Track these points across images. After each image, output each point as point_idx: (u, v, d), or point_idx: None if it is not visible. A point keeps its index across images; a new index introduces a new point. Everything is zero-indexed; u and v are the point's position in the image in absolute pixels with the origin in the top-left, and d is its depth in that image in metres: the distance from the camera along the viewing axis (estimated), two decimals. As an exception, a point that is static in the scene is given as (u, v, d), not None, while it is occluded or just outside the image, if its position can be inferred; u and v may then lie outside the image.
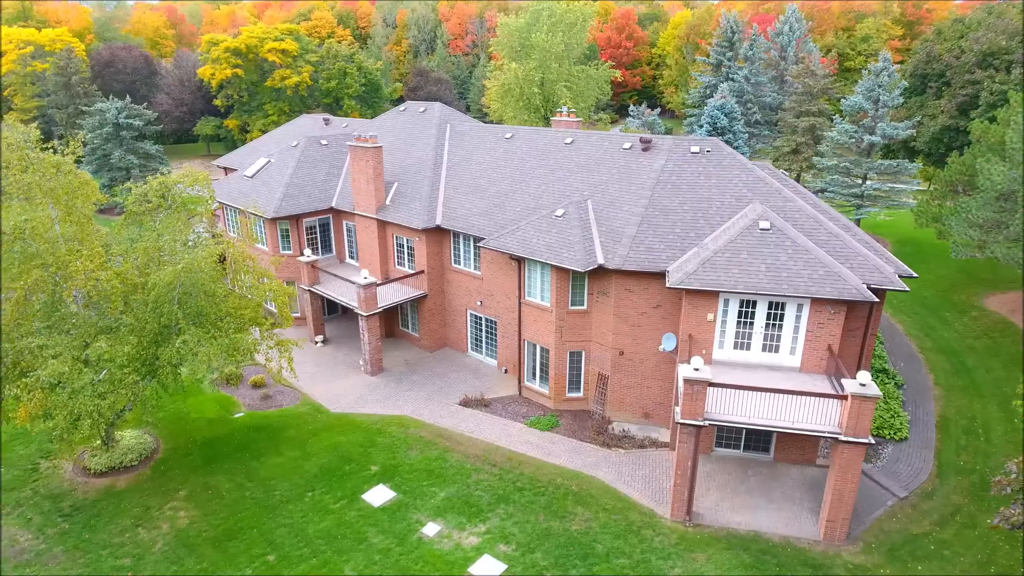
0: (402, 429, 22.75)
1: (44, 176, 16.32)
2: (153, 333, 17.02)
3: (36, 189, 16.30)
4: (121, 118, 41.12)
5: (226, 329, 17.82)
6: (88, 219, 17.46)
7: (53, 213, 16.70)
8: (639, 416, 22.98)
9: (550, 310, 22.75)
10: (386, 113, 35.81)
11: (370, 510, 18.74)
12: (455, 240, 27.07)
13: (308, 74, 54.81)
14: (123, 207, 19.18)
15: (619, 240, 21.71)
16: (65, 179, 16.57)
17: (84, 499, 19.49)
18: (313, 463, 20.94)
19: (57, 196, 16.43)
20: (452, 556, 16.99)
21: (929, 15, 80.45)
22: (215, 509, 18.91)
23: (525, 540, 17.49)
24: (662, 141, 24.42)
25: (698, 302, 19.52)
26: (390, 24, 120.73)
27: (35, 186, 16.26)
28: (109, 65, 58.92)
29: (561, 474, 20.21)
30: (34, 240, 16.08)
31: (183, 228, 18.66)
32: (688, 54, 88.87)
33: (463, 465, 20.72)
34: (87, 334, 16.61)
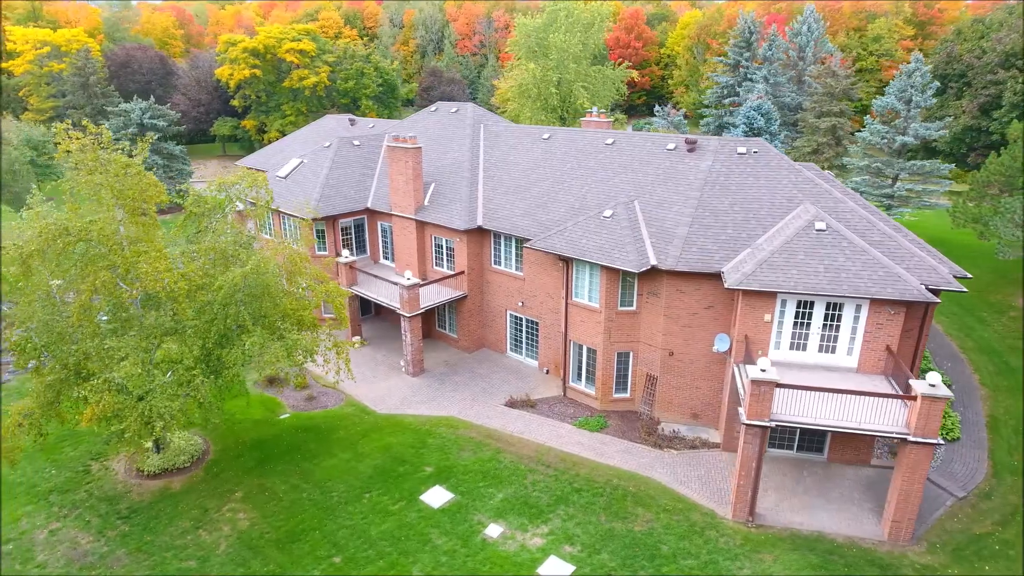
0: (451, 430, 22.72)
1: (116, 177, 16.26)
2: (218, 334, 16.97)
3: (107, 190, 16.23)
4: (145, 118, 41.00)
5: (288, 330, 17.78)
6: (153, 221, 17.40)
7: (119, 214, 16.63)
8: (687, 417, 22.97)
9: (599, 311, 22.73)
10: (417, 113, 35.76)
11: (430, 511, 18.71)
12: (496, 241, 27.05)
13: (326, 74, 54.71)
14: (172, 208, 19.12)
15: (670, 241, 21.71)
16: (133, 180, 16.50)
17: (140, 501, 19.44)
18: (367, 464, 20.90)
19: (126, 197, 16.36)
20: (519, 557, 16.97)
21: (941, 15, 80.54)
22: (274, 511, 18.87)
23: (589, 541, 17.48)
24: (707, 142, 24.42)
25: (755, 303, 19.51)
26: (397, 24, 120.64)
27: (105, 187, 16.19)
28: (125, 66, 58.74)
29: (617, 475, 20.20)
30: (101, 242, 16.01)
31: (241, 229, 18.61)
32: (699, 54, 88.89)
33: (517, 466, 20.70)
34: (153, 336, 16.55)
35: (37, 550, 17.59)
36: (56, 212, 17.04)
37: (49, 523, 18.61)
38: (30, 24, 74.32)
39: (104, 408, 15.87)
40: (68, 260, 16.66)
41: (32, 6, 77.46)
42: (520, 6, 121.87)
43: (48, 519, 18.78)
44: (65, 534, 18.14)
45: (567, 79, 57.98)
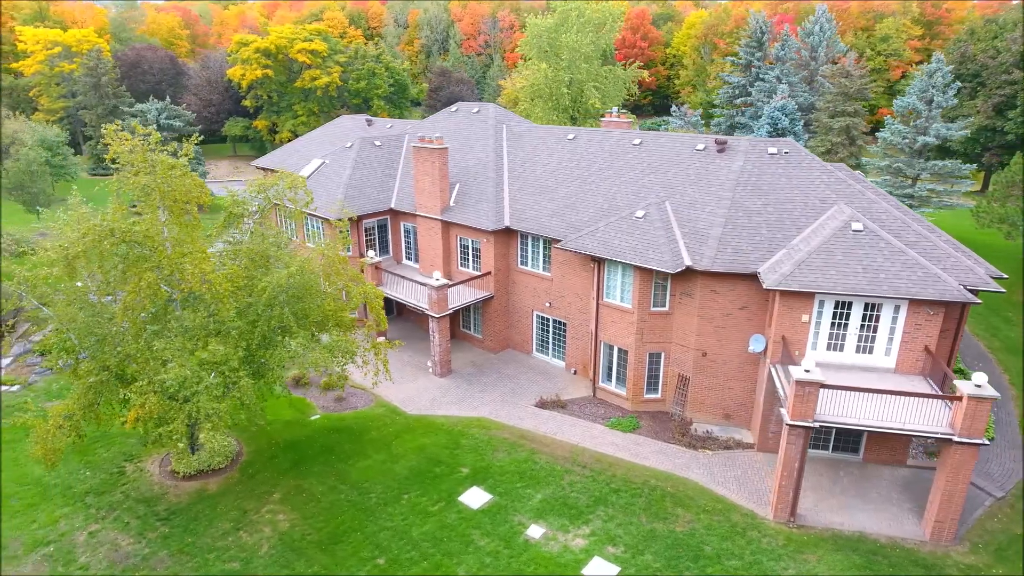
0: (484, 431, 22.70)
1: (164, 179, 16.22)
2: (261, 335, 16.94)
3: (155, 192, 16.19)
4: (162, 119, 40.92)
5: (330, 331, 17.75)
6: (196, 221, 17.37)
7: (162, 215, 16.60)
8: (719, 417, 22.97)
9: (631, 311, 22.72)
10: (437, 114, 35.74)
11: (470, 512, 18.69)
12: (523, 241, 27.03)
13: (338, 75, 54.63)
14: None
15: (704, 241, 21.70)
16: (179, 181, 16.47)
17: (178, 502, 19.39)
18: (402, 465, 20.88)
19: (172, 198, 16.33)
20: (562, 558, 16.96)
21: (948, 15, 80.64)
22: (313, 512, 18.83)
23: (632, 542, 17.47)
24: (738, 142, 24.42)
25: (793, 303, 19.51)
26: (401, 24, 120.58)
27: (154, 188, 16.15)
28: (135, 66, 58.60)
29: (654, 476, 20.20)
30: (146, 243, 15.97)
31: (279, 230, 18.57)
32: (706, 54, 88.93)
33: (553, 467, 20.68)
34: (197, 337, 16.52)
35: (78, 552, 17.54)
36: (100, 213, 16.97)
37: (88, 525, 18.56)
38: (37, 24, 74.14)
39: (150, 410, 15.82)
40: (110, 262, 16.60)
41: (39, 6, 77.28)
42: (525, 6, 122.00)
43: (86, 521, 18.73)
44: (105, 536, 18.10)
45: (578, 79, 57.99)
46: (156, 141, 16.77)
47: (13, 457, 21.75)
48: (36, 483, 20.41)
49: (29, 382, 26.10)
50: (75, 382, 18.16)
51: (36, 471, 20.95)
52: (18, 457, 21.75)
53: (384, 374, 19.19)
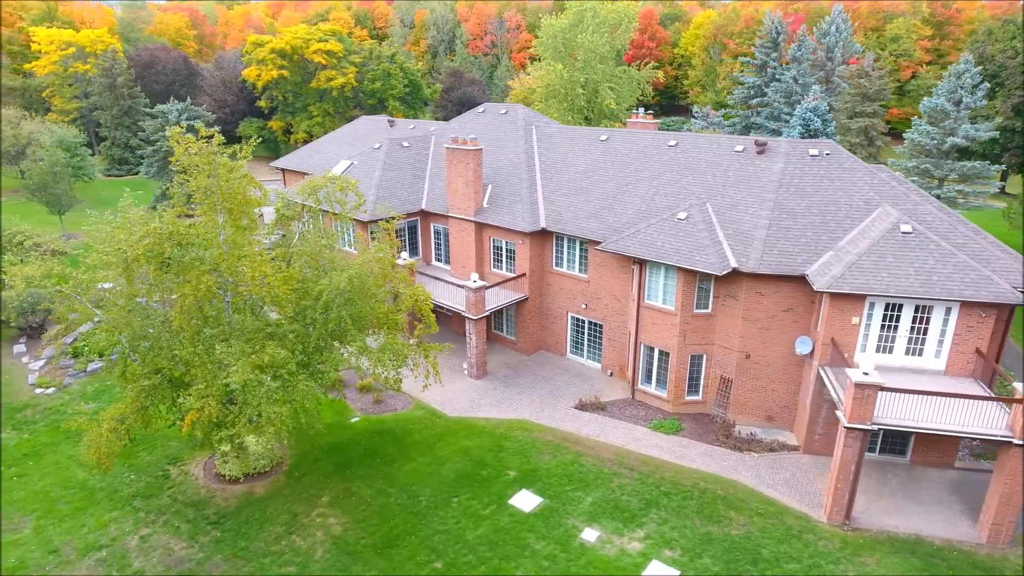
0: (526, 433, 22.63)
1: (227, 181, 16.14)
2: (318, 338, 16.87)
3: (217, 194, 16.11)
4: (183, 120, 40.83)
5: (385, 334, 17.69)
6: (253, 223, 17.28)
7: (219, 218, 16.52)
8: (762, 419, 22.93)
9: (674, 313, 22.66)
10: (464, 114, 35.67)
11: (522, 516, 18.62)
12: (558, 243, 26.97)
13: (353, 75, 54.49)
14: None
15: (749, 243, 21.65)
16: (238, 183, 16.38)
17: (227, 506, 19.30)
18: (448, 468, 20.80)
19: (233, 201, 16.25)
20: (621, 562, 16.90)
21: (959, 15, 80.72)
22: (364, 516, 18.75)
23: (689, 545, 17.42)
24: (777, 144, 24.39)
25: (843, 306, 19.48)
26: (407, 24, 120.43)
27: (215, 191, 16.07)
28: (149, 66, 58.40)
29: (703, 478, 20.14)
30: (205, 246, 15.89)
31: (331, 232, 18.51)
32: (715, 54, 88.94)
33: (600, 469, 20.62)
34: (254, 340, 16.43)
35: (132, 556, 17.45)
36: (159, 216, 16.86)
37: (138, 529, 18.46)
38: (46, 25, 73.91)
39: (209, 414, 15.73)
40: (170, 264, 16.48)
41: (47, 6, 77.04)
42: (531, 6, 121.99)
43: (136, 525, 18.63)
44: (157, 540, 18.00)
45: (593, 80, 57.98)
46: (219, 144, 16.68)
47: (55, 460, 21.65)
48: (81, 487, 20.30)
49: (64, 384, 25.98)
50: (127, 386, 18.06)
51: (80, 474, 20.87)
52: (60, 460, 21.66)
53: (434, 377, 19.09)
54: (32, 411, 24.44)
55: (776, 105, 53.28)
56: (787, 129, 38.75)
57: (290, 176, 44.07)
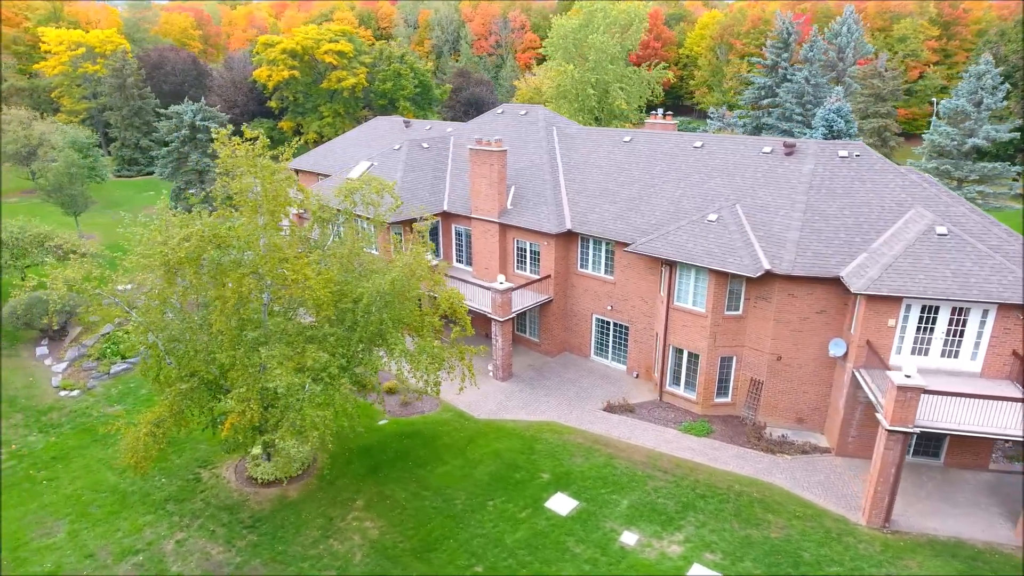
0: (556, 436, 22.55)
1: (270, 183, 16.04)
2: (359, 341, 16.79)
3: (262, 196, 16.01)
4: (197, 120, 40.70)
5: (424, 337, 17.62)
6: (294, 226, 17.17)
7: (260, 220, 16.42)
8: (792, 421, 22.87)
9: (705, 315, 22.59)
10: (483, 115, 35.58)
11: (559, 519, 18.54)
12: (583, 244, 26.89)
13: (364, 75, 54.38)
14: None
15: (782, 245, 21.59)
16: (281, 185, 16.28)
17: (261, 510, 19.20)
18: (481, 471, 20.71)
19: (275, 202, 16.15)
20: (662, 566, 16.82)
21: (966, 15, 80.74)
22: (401, 519, 18.66)
23: (729, 549, 17.35)
24: (806, 145, 24.33)
25: (879, 308, 19.41)
26: (411, 24, 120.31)
27: (261, 193, 15.97)
28: (158, 67, 58.20)
29: (737, 481, 20.08)
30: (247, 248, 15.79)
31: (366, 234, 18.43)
32: (722, 54, 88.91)
33: (634, 472, 20.55)
34: (295, 343, 16.34)
35: (169, 561, 17.35)
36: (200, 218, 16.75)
37: (174, 533, 18.36)
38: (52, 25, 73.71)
39: (251, 418, 15.63)
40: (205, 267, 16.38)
41: (53, 6, 76.84)
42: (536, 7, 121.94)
43: (171, 529, 18.53)
44: (193, 544, 17.90)
45: (604, 80, 57.97)
46: (264, 146, 16.58)
47: (85, 464, 21.53)
48: (112, 490, 20.19)
49: (88, 387, 25.85)
50: (161, 389, 17.97)
51: (111, 478, 20.76)
52: (89, 463, 21.55)
53: (469, 380, 19.00)
54: (58, 414, 24.32)
55: (788, 106, 53.23)
56: (808, 131, 38.68)
57: (304, 177, 43.95)
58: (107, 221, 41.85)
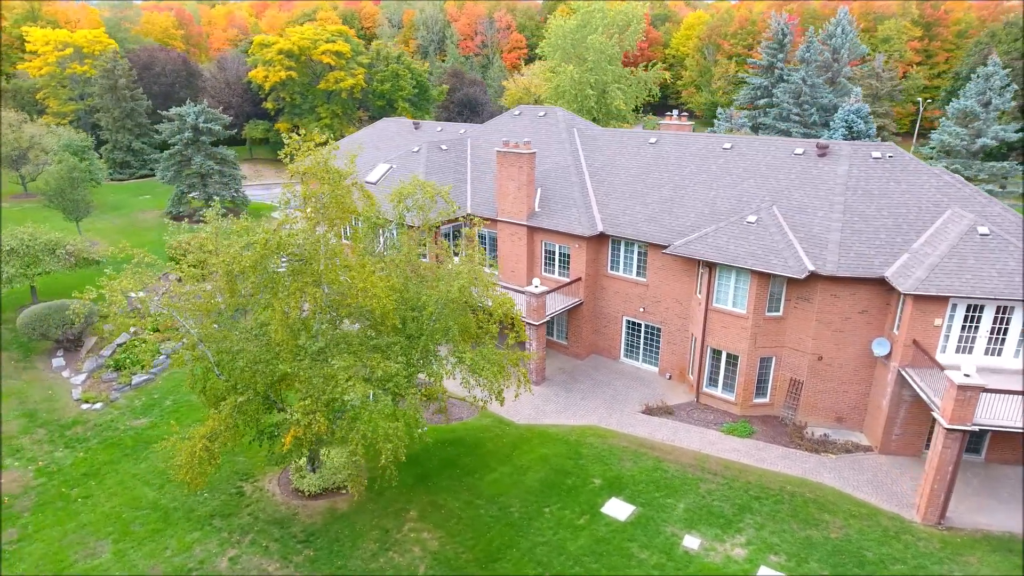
0: (600, 440, 22.44)
1: (338, 189, 15.62)
2: (423, 349, 16.47)
3: (332, 204, 15.59)
4: (200, 122, 39.74)
5: (486, 344, 17.38)
6: (356, 233, 16.77)
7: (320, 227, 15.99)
8: (831, 420, 23.06)
9: (746, 317, 22.66)
10: (500, 116, 35.32)
11: (618, 524, 18.43)
12: (614, 246, 26.82)
13: (362, 76, 53.65)
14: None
15: (824, 246, 21.74)
16: (348, 192, 15.88)
17: (312, 523, 18.75)
18: (531, 477, 20.51)
19: (341, 209, 15.75)
20: (729, 569, 16.80)
21: (947, 16, 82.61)
22: (458, 529, 18.37)
23: (792, 550, 17.40)
24: (839, 147, 24.54)
25: (926, 307, 19.65)
26: (396, 24, 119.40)
27: (330, 198, 15.54)
28: (147, 67, 56.68)
29: (788, 481, 20.16)
30: (312, 257, 15.36)
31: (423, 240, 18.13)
32: (710, 55, 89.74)
33: (684, 475, 20.52)
34: (360, 353, 15.97)
35: (225, 579, 16.84)
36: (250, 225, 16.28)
37: (225, 550, 17.83)
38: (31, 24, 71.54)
39: (317, 430, 15.24)
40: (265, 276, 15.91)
41: (31, 6, 74.59)
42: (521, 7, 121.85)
43: (222, 546, 17.99)
44: (248, 561, 17.41)
45: (603, 80, 58.08)
46: (333, 150, 16.14)
47: (119, 480, 20.83)
48: (153, 507, 19.56)
49: (111, 399, 25.04)
50: (215, 402, 17.44)
51: (149, 493, 20.13)
52: (124, 479, 20.85)
53: (525, 387, 18.75)
54: (82, 428, 23.51)
55: (785, 105, 53.85)
56: (804, 129, 38.99)
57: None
58: (107, 226, 40.67)
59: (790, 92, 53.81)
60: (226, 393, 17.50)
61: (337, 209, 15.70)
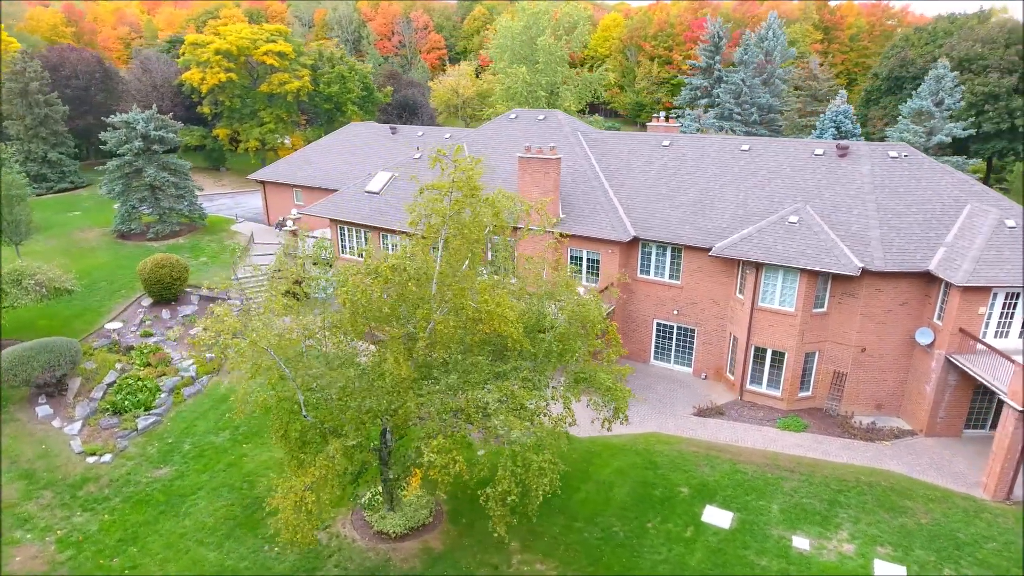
0: (667, 446, 22.31)
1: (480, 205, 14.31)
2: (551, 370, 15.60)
3: (472, 223, 14.23)
4: (151, 130, 35.89)
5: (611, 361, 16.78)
6: (483, 252, 15.53)
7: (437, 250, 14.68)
8: (871, 408, 24.18)
9: (794, 314, 23.28)
10: (495, 120, 34.38)
11: (725, 533, 18.35)
12: (644, 250, 26.77)
13: (308, 78, 50.59)
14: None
15: (867, 243, 22.70)
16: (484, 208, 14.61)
17: (411, 569, 17.33)
18: (619, 493, 20.04)
19: (478, 228, 14.47)
20: (846, 566, 17.13)
21: (843, 20, 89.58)
22: (569, 556, 17.61)
23: (894, 540, 18.00)
24: (858, 147, 25.74)
25: (972, 297, 20.97)
26: (306, 23, 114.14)
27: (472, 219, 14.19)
28: (56, 69, 50.48)
29: (859, 472, 20.87)
30: (442, 281, 14.06)
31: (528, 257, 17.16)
32: (631, 56, 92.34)
33: (763, 475, 20.77)
34: (487, 381, 14.88)
35: (338, 642, 15.19)
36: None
37: (325, 609, 16.11)
38: None
39: (459, 468, 14.04)
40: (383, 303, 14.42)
41: None
42: (438, 7, 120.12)
43: (319, 605, 16.24)
44: (356, 619, 15.81)
45: (554, 82, 58.20)
46: (477, 163, 14.79)
47: (166, 542, 18.31)
48: (220, 569, 17.34)
49: (120, 448, 22.01)
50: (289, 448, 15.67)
51: (209, 554, 17.87)
52: (171, 541, 18.34)
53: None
54: (95, 486, 20.49)
55: (727, 105, 56.23)
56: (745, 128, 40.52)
57: (275, 190, 40.35)
58: (43, 249, 35.91)
59: (731, 92, 56.23)
60: (316, 436, 15.83)
61: (475, 228, 14.48)
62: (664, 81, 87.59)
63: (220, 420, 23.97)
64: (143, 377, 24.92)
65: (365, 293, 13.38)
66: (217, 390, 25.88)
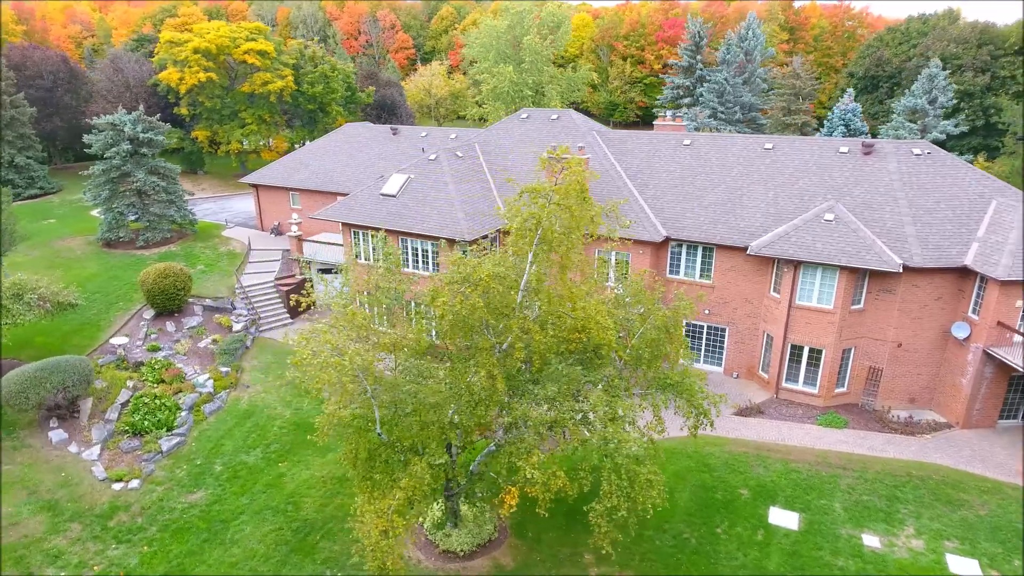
0: (717, 448, 22.13)
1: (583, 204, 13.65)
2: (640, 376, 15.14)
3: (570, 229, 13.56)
4: (139, 132, 33.98)
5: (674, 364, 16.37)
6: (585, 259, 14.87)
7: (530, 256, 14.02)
8: (905, 402, 24.51)
9: (833, 312, 23.39)
10: (505, 120, 33.73)
11: (795, 535, 18.22)
12: (674, 250, 26.57)
13: (291, 78, 48.85)
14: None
15: (903, 240, 22.97)
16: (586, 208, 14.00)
17: (485, 587, 16.63)
18: (680, 498, 19.73)
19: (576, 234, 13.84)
20: (920, 562, 17.20)
21: (807, 21, 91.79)
22: (646, 566, 17.21)
23: (959, 533, 18.18)
24: (882, 145, 26.08)
25: (1010, 291, 21.40)
26: (269, 22, 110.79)
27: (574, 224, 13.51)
28: (19, 69, 47.45)
29: (909, 466, 21.08)
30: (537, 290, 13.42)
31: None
32: (604, 55, 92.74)
33: (818, 473, 20.77)
34: (578, 391, 14.32)
35: (427, 671, 14.41)
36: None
37: (404, 636, 15.22)
38: None
39: (563, 484, 13.46)
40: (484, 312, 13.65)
41: None
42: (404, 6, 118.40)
43: (396, 632, 15.34)
44: (441, 644, 15.03)
45: (540, 81, 57.84)
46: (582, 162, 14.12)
47: (218, 573, 17.11)
48: (281, 599, 16.32)
49: (146, 473, 20.58)
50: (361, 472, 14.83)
51: (266, 584, 16.76)
52: (224, 572, 17.18)
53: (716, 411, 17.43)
54: (127, 515, 19.07)
55: (711, 104, 56.86)
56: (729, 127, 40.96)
57: (268, 193, 38.81)
58: (26, 260, 33.56)
59: (714, 92, 56.87)
60: (392, 454, 15.01)
61: (576, 232, 13.87)
62: (637, 81, 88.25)
63: (248, 438, 22.73)
64: (159, 395, 23.47)
65: (465, 304, 12.63)
66: (237, 406, 24.58)
